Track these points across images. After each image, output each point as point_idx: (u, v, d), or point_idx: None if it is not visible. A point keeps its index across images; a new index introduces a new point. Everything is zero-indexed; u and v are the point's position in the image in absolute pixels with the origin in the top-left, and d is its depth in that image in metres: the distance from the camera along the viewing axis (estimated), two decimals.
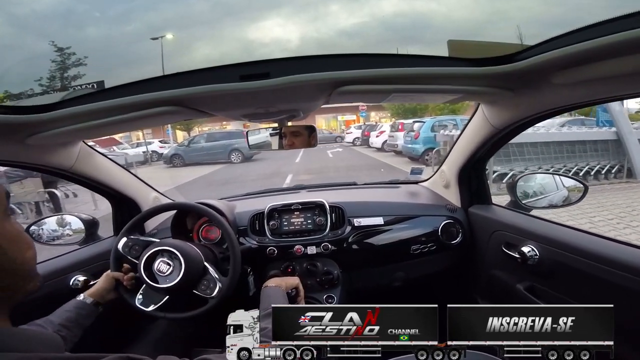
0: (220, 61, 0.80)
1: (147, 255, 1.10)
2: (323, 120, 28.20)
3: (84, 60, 12.44)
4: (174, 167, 14.24)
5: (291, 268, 1.41)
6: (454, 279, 1.66)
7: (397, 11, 38.02)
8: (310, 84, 0.78)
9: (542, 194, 1.44)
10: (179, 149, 15.30)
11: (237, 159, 13.86)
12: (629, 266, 0.84)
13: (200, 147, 14.68)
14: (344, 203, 1.51)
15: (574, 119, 10.17)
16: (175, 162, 14.53)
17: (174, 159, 14.65)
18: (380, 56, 0.80)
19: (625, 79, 0.67)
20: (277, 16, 41.25)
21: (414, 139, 9.90)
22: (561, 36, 0.64)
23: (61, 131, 0.90)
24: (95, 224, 1.47)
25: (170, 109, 0.84)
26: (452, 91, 0.87)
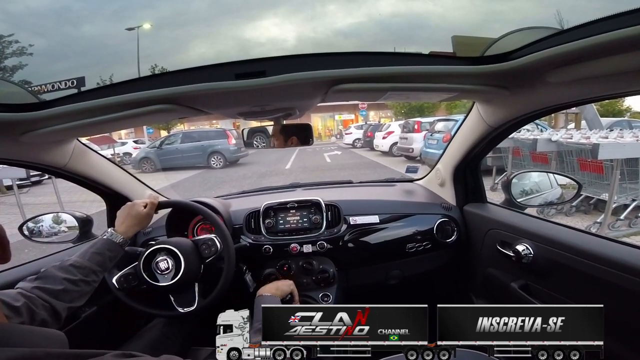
0: (216, 60, 0.79)
1: (146, 254, 1.10)
2: (319, 120, 28.06)
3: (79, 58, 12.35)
4: (143, 173, 11.82)
5: (287, 266, 1.41)
6: (449, 278, 1.67)
7: (394, 11, 38.14)
8: (306, 82, 0.78)
9: (537, 192, 1.44)
10: (149, 151, 12.90)
11: (217, 163, 11.88)
12: (623, 265, 0.84)
13: (174, 149, 12.52)
14: (340, 201, 1.52)
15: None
16: (144, 167, 12.34)
17: (143, 163, 12.44)
18: (376, 54, 0.80)
19: (620, 77, 0.68)
20: (274, 15, 41.22)
21: (443, 143, 6.93)
22: (556, 34, 0.65)
23: (55, 129, 0.89)
24: (90, 222, 1.46)
25: (165, 107, 0.84)
26: (447, 89, 0.87)
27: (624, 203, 4.21)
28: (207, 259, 1.15)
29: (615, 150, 3.98)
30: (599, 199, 4.38)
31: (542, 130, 5.96)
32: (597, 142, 4.12)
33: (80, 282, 0.87)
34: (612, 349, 0.87)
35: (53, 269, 0.87)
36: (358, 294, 1.55)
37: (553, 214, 4.52)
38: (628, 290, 0.82)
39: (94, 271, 0.91)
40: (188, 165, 11.87)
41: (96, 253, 0.94)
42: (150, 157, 12.56)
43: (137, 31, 12.72)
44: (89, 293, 0.92)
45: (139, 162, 12.56)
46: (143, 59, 21.30)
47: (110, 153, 12.92)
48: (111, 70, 24.69)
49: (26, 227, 1.37)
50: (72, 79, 14.24)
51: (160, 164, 12.21)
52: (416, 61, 0.79)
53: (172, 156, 12.32)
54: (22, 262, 1.18)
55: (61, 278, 0.85)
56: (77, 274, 0.88)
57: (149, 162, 12.48)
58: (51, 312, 0.80)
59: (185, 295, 1.12)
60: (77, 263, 0.90)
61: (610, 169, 4.04)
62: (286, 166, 11.36)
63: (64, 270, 0.87)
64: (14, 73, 12.31)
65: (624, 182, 4.14)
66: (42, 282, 0.83)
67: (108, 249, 0.97)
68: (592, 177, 4.36)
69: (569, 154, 4.62)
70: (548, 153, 4.93)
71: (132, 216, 1.06)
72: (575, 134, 4.91)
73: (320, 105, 1.12)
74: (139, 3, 34.81)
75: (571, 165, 4.64)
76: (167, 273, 1.08)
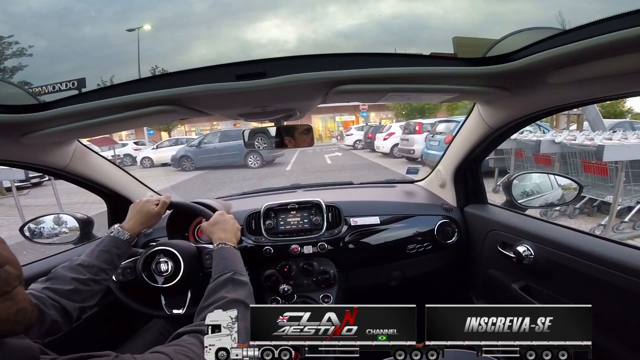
0: (217, 61, 0.80)
1: (146, 256, 1.10)
2: (320, 121, 28.05)
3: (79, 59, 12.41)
4: (183, 171, 12.14)
5: (287, 267, 1.41)
6: (449, 279, 1.67)
7: (394, 13, 38.13)
8: (306, 83, 0.78)
9: (537, 193, 1.44)
10: (188, 150, 12.81)
11: (255, 162, 11.51)
12: (623, 266, 0.84)
13: (212, 148, 12.31)
14: (341, 202, 1.52)
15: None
16: (184, 165, 12.42)
17: (183, 162, 12.47)
18: (377, 55, 0.80)
19: (620, 78, 0.68)
20: (275, 17, 41.26)
21: (444, 144, 6.82)
22: (556, 36, 0.65)
23: (56, 130, 0.89)
24: (90, 223, 1.46)
25: (166, 108, 0.84)
26: (448, 91, 0.87)
27: (628, 205, 4.20)
28: (207, 270, 1.15)
29: (620, 152, 3.96)
30: (602, 201, 4.35)
31: (544, 131, 5.90)
32: (601, 143, 4.10)
33: (89, 281, 0.87)
34: (613, 349, 0.87)
35: (62, 269, 0.87)
36: (359, 295, 1.55)
37: (556, 216, 4.49)
38: (628, 291, 0.82)
39: (103, 269, 0.91)
40: (225, 165, 11.76)
41: (103, 251, 0.94)
42: (189, 156, 12.53)
43: (137, 32, 12.73)
44: (101, 292, 0.92)
45: (179, 160, 12.61)
46: (144, 60, 21.34)
47: (110, 154, 13.01)
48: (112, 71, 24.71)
49: (27, 229, 1.37)
50: (72, 80, 14.28)
51: (198, 163, 12.20)
52: (417, 62, 0.79)
53: (210, 155, 12.22)
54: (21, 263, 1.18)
55: (70, 278, 0.85)
56: (86, 273, 0.88)
57: (189, 160, 12.47)
58: (62, 312, 0.80)
59: (177, 298, 1.12)
60: (85, 262, 0.90)
61: (614, 170, 4.01)
62: (287, 167, 11.31)
63: (73, 270, 0.87)
64: (14, 74, 12.31)
65: (628, 184, 4.12)
66: (51, 283, 0.83)
67: (115, 246, 0.97)
68: (596, 179, 4.32)
69: (573, 155, 4.58)
70: (551, 155, 4.89)
71: (142, 213, 1.06)
72: (579, 135, 4.86)
73: (321, 106, 1.12)
74: (141, 4, 34.82)
75: (575, 167, 4.60)
76: (165, 275, 1.08)
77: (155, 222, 1.12)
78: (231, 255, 0.95)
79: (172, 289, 1.09)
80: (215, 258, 0.93)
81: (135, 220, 1.04)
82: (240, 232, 1.10)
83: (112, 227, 1.02)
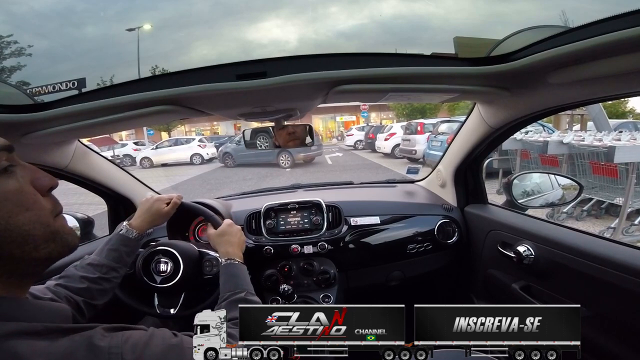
0: (218, 61, 0.80)
1: (145, 256, 1.10)
2: (320, 121, 28.03)
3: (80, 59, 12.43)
4: (226, 167, 12.42)
5: (287, 267, 1.41)
6: (450, 279, 1.67)
7: (395, 13, 38.11)
8: (306, 83, 0.78)
9: (538, 193, 1.44)
10: (230, 147, 13.08)
11: (285, 162, 11.53)
12: (624, 266, 0.84)
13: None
14: (341, 202, 1.52)
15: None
16: (227, 162, 12.71)
17: (226, 158, 12.76)
18: (377, 55, 0.80)
19: (621, 78, 0.68)
20: (276, 17, 41.28)
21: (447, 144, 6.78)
22: (557, 35, 0.65)
23: (56, 130, 0.89)
24: (91, 223, 1.46)
25: (166, 108, 0.84)
26: (448, 90, 0.87)
27: (638, 208, 4.13)
28: (205, 276, 1.15)
29: (632, 153, 3.88)
30: (611, 203, 4.29)
31: (549, 132, 5.81)
32: (611, 144, 4.03)
33: (99, 280, 0.88)
34: (613, 349, 0.87)
35: (73, 268, 0.89)
36: (359, 294, 1.55)
37: (564, 219, 4.44)
38: (628, 291, 0.82)
39: (112, 268, 0.92)
40: (259, 163, 11.90)
41: (111, 250, 0.95)
42: (230, 153, 12.75)
43: (137, 32, 12.71)
44: (112, 290, 0.93)
45: (223, 156, 12.98)
46: (145, 60, 21.33)
47: (110, 154, 13.20)
48: (113, 71, 24.73)
49: None
50: (73, 80, 14.30)
51: (238, 160, 12.43)
52: (417, 62, 0.79)
53: (247, 152, 11.82)
54: None
55: (80, 277, 0.86)
56: (95, 272, 0.89)
57: (231, 157, 12.69)
58: (75, 307, 0.81)
59: (170, 298, 1.12)
60: (94, 261, 0.91)
61: (624, 172, 3.94)
62: (287, 168, 11.37)
63: (83, 269, 0.89)
64: (12, 74, 12.30)
65: (638, 185, 4.04)
66: (65, 281, 0.84)
67: (123, 244, 0.97)
68: (605, 180, 4.25)
69: (581, 156, 4.49)
70: (558, 156, 4.80)
71: (151, 212, 1.05)
72: (587, 136, 4.75)
73: (321, 106, 1.12)
74: (142, 5, 34.85)
75: (583, 169, 4.53)
76: (164, 275, 1.08)
77: (162, 222, 1.12)
78: (241, 272, 0.95)
79: (167, 290, 1.09)
80: (224, 274, 0.94)
81: (144, 219, 1.04)
82: (245, 245, 1.10)
83: (121, 225, 1.02)
